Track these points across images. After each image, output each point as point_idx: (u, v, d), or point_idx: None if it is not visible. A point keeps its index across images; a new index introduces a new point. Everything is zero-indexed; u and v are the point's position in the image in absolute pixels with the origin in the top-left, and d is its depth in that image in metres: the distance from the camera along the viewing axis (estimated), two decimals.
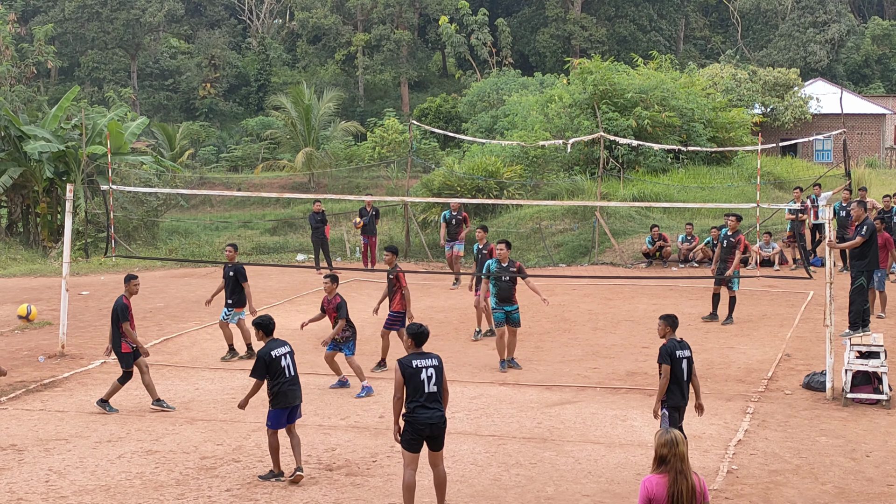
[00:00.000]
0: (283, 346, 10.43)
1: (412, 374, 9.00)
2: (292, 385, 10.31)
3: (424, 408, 8.98)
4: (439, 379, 9.08)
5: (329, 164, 43.04)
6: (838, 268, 20.72)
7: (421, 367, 9.03)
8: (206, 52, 66.35)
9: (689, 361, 9.95)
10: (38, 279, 24.75)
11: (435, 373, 9.04)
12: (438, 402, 9.07)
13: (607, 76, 31.90)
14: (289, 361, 10.33)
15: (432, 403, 9.01)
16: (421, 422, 8.96)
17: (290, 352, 10.43)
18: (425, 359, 9.10)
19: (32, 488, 10.14)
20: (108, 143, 28.71)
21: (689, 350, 10.00)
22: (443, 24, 60.01)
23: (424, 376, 9.00)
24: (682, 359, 9.91)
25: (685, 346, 9.99)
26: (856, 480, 10.10)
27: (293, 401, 10.31)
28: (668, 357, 9.83)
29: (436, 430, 9.05)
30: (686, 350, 9.97)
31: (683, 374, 9.88)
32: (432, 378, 9.02)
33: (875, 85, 64.19)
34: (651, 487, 6.54)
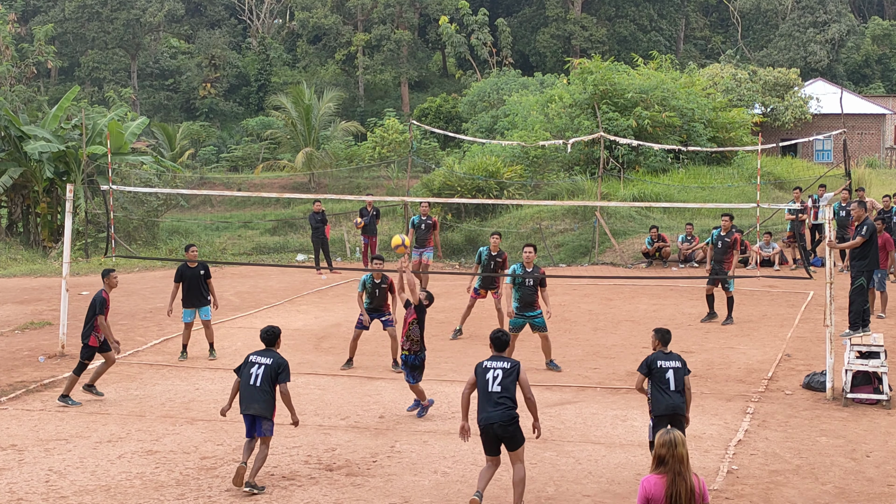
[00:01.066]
0: (263, 357, 10.16)
1: (479, 374, 9.35)
2: (248, 392, 10.02)
3: (486, 407, 9.22)
4: (505, 380, 9.25)
5: (329, 164, 43.04)
6: (838, 268, 20.73)
7: (489, 367, 9.35)
8: (207, 52, 66.34)
9: (678, 371, 9.74)
10: (38, 279, 24.75)
11: (502, 374, 9.27)
12: (507, 400, 9.20)
13: (607, 76, 31.91)
14: (259, 371, 10.04)
15: (498, 403, 9.19)
16: (484, 420, 9.23)
17: (269, 365, 10.05)
18: (498, 361, 9.39)
19: (32, 488, 10.14)
20: (108, 143, 28.71)
21: (680, 361, 9.82)
22: (443, 24, 60.01)
23: (490, 377, 9.27)
24: (668, 369, 9.75)
25: (672, 358, 9.85)
26: (856, 480, 10.10)
27: (246, 409, 10.05)
28: (646, 367, 9.82)
29: (500, 430, 9.20)
30: (673, 361, 9.80)
31: (669, 384, 9.69)
32: (498, 378, 9.26)
33: (875, 85, 64.19)
34: (650, 487, 6.54)
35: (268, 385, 10.05)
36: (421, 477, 10.31)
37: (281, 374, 10.07)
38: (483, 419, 9.19)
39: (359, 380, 14.27)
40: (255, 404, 10.02)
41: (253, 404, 10.02)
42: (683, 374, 9.79)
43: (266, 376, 10.04)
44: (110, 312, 19.50)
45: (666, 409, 9.62)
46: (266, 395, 10.04)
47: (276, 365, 10.08)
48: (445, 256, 26.82)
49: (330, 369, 15.03)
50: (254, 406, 10.02)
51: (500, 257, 16.60)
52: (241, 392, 10.14)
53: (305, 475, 10.41)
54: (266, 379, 10.04)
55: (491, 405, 9.18)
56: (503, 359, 9.39)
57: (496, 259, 16.56)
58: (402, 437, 11.63)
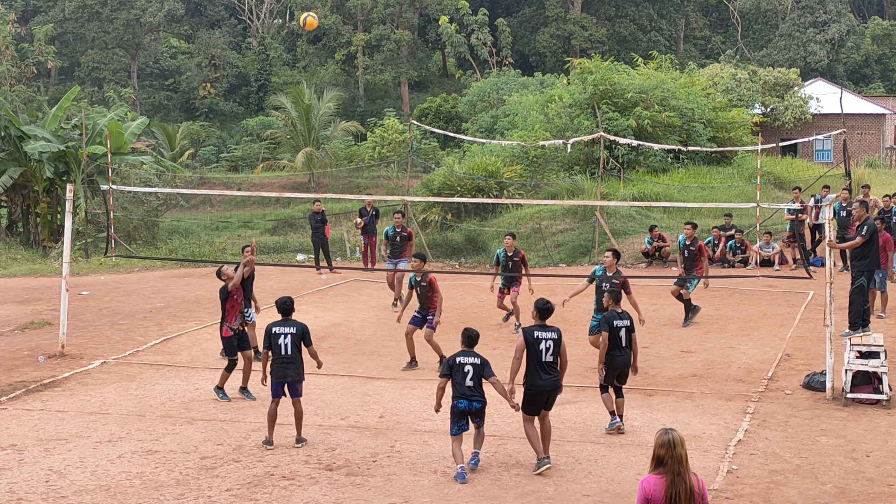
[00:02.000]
0: (286, 326, 11.28)
1: (532, 343, 10.27)
2: (285, 363, 11.17)
3: (540, 375, 10.29)
4: (556, 350, 10.35)
5: (329, 164, 43.04)
6: (838, 268, 20.73)
7: (541, 338, 10.31)
8: (206, 52, 66.33)
9: (629, 330, 11.63)
10: (38, 279, 24.75)
11: (553, 344, 10.31)
12: (555, 369, 10.40)
13: (607, 76, 31.91)
14: (286, 341, 11.16)
15: (549, 371, 10.33)
16: (538, 386, 10.29)
17: (295, 333, 11.21)
18: (546, 331, 10.36)
19: (32, 488, 10.14)
20: (108, 143, 28.72)
21: (630, 320, 11.67)
22: (443, 24, 60.00)
23: (543, 347, 10.28)
24: (621, 328, 11.59)
25: (625, 317, 11.66)
26: (856, 480, 10.10)
27: (284, 377, 11.19)
28: (607, 325, 11.57)
29: (553, 395, 10.45)
30: (625, 320, 11.64)
31: (621, 341, 11.58)
32: (550, 349, 10.29)
33: (875, 85, 64.19)
34: (649, 488, 6.53)
35: (296, 351, 11.21)
36: (421, 477, 10.31)
37: (306, 337, 11.32)
38: (540, 385, 10.36)
39: (359, 380, 14.26)
40: (290, 371, 11.19)
41: (289, 372, 11.18)
42: (630, 331, 11.62)
43: (294, 344, 11.20)
44: (112, 313, 19.54)
45: (619, 360, 11.60)
46: (297, 360, 11.22)
47: (301, 331, 11.29)
48: (445, 256, 26.82)
49: (330, 369, 15.02)
50: (289, 374, 11.19)
51: (517, 256, 17.05)
52: (274, 363, 11.22)
53: (305, 475, 10.41)
54: (295, 346, 11.20)
55: (548, 372, 10.34)
56: (549, 328, 10.39)
57: (513, 259, 17.01)
58: (402, 437, 11.63)
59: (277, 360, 11.20)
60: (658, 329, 17.48)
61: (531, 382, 10.32)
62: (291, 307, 11.51)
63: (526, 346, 10.28)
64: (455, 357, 10.46)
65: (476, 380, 10.38)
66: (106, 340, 16.99)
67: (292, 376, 11.22)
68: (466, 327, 10.87)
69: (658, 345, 16.28)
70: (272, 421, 11.33)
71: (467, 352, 10.50)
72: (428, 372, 14.77)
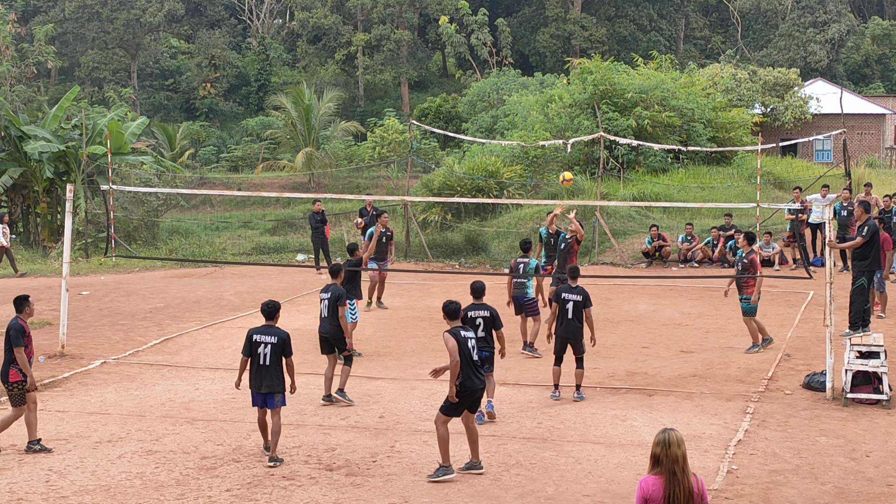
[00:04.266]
0: (267, 336, 10.86)
1: (462, 344, 10.12)
2: (262, 373, 10.79)
3: (471, 376, 10.13)
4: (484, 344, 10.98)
5: (329, 164, 43.02)
6: (838, 268, 20.73)
7: (467, 337, 10.25)
8: (206, 52, 66.31)
9: (577, 304, 12.71)
10: (38, 279, 24.75)
11: (476, 343, 10.38)
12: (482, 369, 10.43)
13: (607, 76, 31.91)
14: (266, 350, 10.77)
15: (480, 371, 10.28)
16: (468, 387, 10.13)
17: (275, 344, 10.79)
18: (468, 330, 10.40)
19: (32, 488, 10.14)
20: (108, 143, 28.71)
21: (581, 295, 12.76)
22: (443, 24, 59.98)
23: (470, 346, 10.20)
24: (569, 300, 12.72)
25: (575, 291, 12.83)
26: (856, 480, 10.10)
27: (258, 387, 10.83)
28: (558, 298, 12.93)
29: (480, 395, 10.35)
30: (575, 294, 12.78)
31: (568, 313, 12.77)
32: (475, 348, 10.26)
33: (875, 85, 64.17)
34: (647, 488, 6.53)
35: (277, 362, 10.82)
36: (421, 477, 10.31)
37: (287, 349, 10.87)
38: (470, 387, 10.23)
39: (359, 380, 14.27)
40: (267, 382, 10.80)
41: (266, 382, 10.80)
42: (579, 305, 12.75)
43: (274, 354, 10.81)
44: (112, 313, 19.54)
45: (566, 333, 12.83)
46: (276, 371, 10.83)
47: (282, 342, 10.85)
48: (445, 256, 26.82)
49: None
50: (266, 384, 10.80)
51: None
52: (252, 372, 10.89)
53: (305, 475, 10.41)
54: (275, 356, 10.81)
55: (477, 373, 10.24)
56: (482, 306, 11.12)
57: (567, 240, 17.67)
58: (402, 437, 11.63)
59: (255, 370, 10.82)
60: (658, 329, 17.48)
61: (462, 382, 10.03)
62: (276, 312, 11.04)
63: (458, 346, 10.03)
64: (466, 310, 11.31)
65: (487, 331, 11.60)
66: (106, 340, 16.99)
67: (269, 387, 10.78)
68: (475, 280, 11.80)
69: (658, 345, 16.28)
70: (263, 428, 11.07)
71: (477, 304, 11.61)
72: (427, 372, 14.77)
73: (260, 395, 10.88)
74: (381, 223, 19.42)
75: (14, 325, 11.13)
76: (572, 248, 16.79)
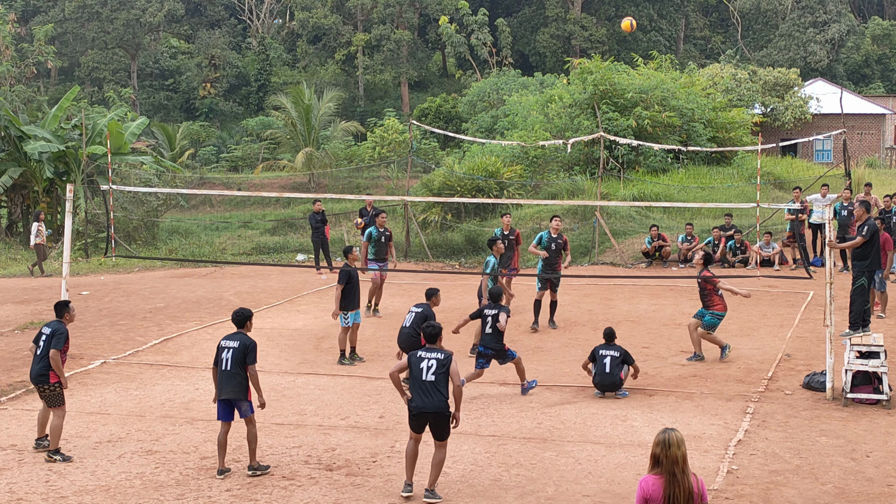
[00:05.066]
0: (231, 340, 10.56)
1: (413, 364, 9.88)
2: (222, 377, 10.45)
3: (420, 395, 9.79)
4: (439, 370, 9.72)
5: (329, 164, 43.02)
6: (838, 268, 20.73)
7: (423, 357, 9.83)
8: (206, 52, 66.31)
9: (495, 319, 13.18)
10: (38, 279, 24.75)
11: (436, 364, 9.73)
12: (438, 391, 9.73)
13: (607, 76, 31.90)
14: (228, 356, 10.44)
15: (430, 392, 9.74)
16: (416, 407, 9.81)
17: (236, 349, 10.43)
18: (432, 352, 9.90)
19: (32, 488, 10.14)
20: (108, 143, 28.71)
21: (496, 310, 13.24)
22: (443, 24, 59.98)
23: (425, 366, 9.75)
24: (489, 316, 13.29)
25: (613, 349, 13.20)
26: (856, 480, 10.10)
27: (220, 393, 10.47)
28: (594, 356, 13.39)
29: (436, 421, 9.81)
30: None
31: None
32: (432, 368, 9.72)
33: (875, 85, 64.18)
34: (647, 487, 6.53)
35: (238, 368, 10.41)
36: (421, 477, 10.31)
37: (249, 355, 10.44)
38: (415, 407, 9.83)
39: (359, 380, 14.26)
40: (228, 388, 10.42)
41: (226, 388, 10.42)
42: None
43: (235, 359, 10.41)
44: (111, 313, 19.53)
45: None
46: (237, 377, 10.41)
47: (243, 347, 10.44)
48: (445, 256, 26.81)
49: (330, 369, 15.04)
50: (226, 390, 10.42)
51: (513, 234, 18.31)
52: (217, 378, 10.54)
53: (305, 475, 10.41)
54: (235, 362, 10.41)
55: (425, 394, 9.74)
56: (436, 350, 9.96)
57: (509, 237, 18.18)
58: (402, 437, 11.62)
59: (219, 376, 10.49)
60: (658, 329, 17.48)
61: (410, 401, 9.87)
62: (245, 320, 10.71)
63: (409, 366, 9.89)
64: (482, 308, 13.34)
65: (493, 328, 13.16)
66: (106, 340, 16.99)
67: (228, 393, 10.38)
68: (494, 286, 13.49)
69: (658, 345, 16.28)
70: (221, 447, 10.49)
71: (492, 305, 13.19)
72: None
73: (222, 405, 10.48)
74: (379, 223, 19.30)
75: (60, 328, 11.25)
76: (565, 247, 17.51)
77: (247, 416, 10.45)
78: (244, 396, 10.44)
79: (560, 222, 17.75)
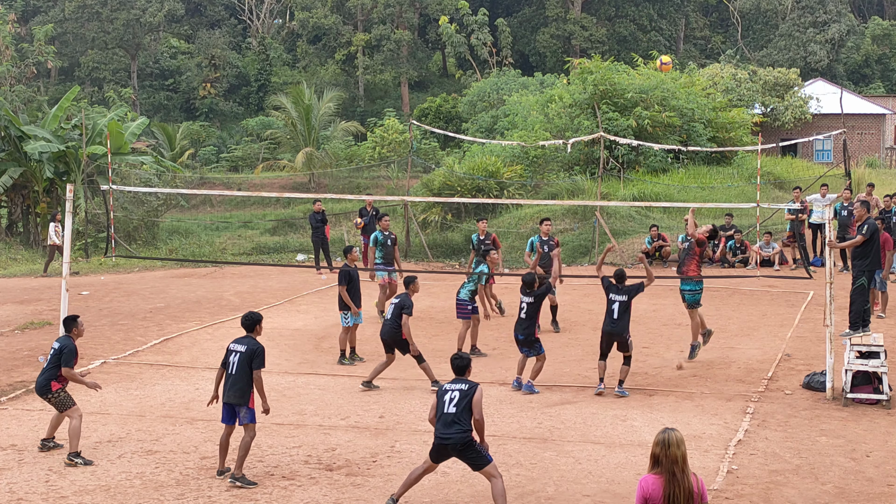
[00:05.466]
0: (239, 344, 10.46)
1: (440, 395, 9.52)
2: (228, 381, 10.37)
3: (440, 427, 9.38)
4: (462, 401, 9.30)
5: (329, 164, 43.01)
6: (838, 268, 20.72)
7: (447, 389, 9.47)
8: (206, 52, 66.29)
9: (623, 304, 13.25)
10: (38, 279, 24.76)
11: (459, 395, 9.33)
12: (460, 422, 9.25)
13: (607, 76, 31.89)
14: (235, 359, 10.35)
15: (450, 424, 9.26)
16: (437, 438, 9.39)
17: (243, 353, 10.32)
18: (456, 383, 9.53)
19: (32, 488, 10.14)
20: (108, 143, 28.71)
21: (627, 294, 13.33)
22: (443, 24, 59.97)
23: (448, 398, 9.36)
24: (615, 301, 13.32)
25: (622, 292, 13.37)
26: (856, 480, 10.10)
27: (226, 398, 10.39)
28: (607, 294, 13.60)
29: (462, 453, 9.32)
30: (622, 295, 13.30)
31: (614, 314, 13.32)
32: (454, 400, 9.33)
33: (875, 85, 64.16)
34: (647, 487, 6.53)
35: (243, 372, 10.31)
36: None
37: (255, 360, 10.31)
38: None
39: (359, 380, 14.26)
40: (231, 392, 10.33)
41: (230, 392, 10.34)
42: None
43: (241, 363, 10.32)
44: (112, 313, 19.53)
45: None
46: (241, 382, 10.31)
47: (250, 352, 10.32)
48: (445, 256, 26.82)
49: (330, 369, 15.04)
50: (230, 394, 10.34)
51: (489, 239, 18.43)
52: (224, 381, 10.46)
53: (305, 475, 10.41)
54: (241, 366, 10.31)
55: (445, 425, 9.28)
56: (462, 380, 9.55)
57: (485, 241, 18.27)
58: (402, 437, 11.63)
59: (226, 379, 10.40)
60: (658, 329, 17.48)
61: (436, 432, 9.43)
62: (255, 324, 10.62)
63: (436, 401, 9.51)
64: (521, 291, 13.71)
65: (527, 315, 13.50)
66: (106, 340, 16.99)
67: (231, 398, 10.30)
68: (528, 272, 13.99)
69: (658, 345, 16.28)
70: (223, 448, 10.50)
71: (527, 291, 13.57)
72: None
73: (226, 408, 10.40)
74: (383, 227, 18.91)
75: (69, 344, 11.20)
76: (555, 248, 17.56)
77: (245, 423, 10.32)
78: (245, 402, 10.31)
79: (550, 225, 17.63)
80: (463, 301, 15.51)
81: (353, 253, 15.98)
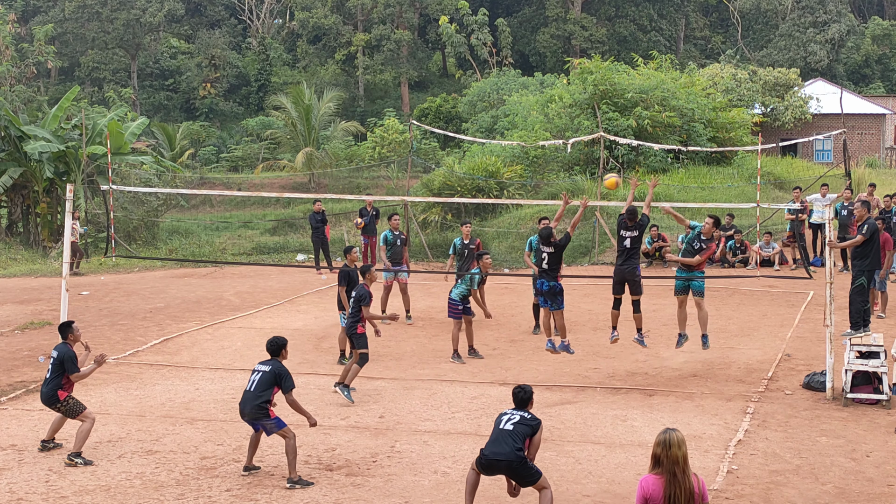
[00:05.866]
0: (264, 365, 10.50)
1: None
2: (244, 397, 10.41)
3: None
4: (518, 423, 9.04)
5: (329, 164, 43.03)
6: (838, 268, 20.72)
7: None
8: (206, 52, 66.31)
9: (634, 239, 13.63)
10: (38, 279, 24.75)
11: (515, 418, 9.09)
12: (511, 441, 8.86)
13: (607, 76, 31.90)
14: (256, 378, 10.40)
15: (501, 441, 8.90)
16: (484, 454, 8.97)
17: (264, 373, 10.38)
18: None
19: (32, 488, 10.14)
20: (108, 143, 28.71)
21: (638, 230, 13.57)
22: (443, 24, 60.00)
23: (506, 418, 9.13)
24: (626, 237, 13.60)
25: (632, 228, 13.56)
26: (856, 480, 10.10)
27: (241, 414, 10.45)
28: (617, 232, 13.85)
29: (514, 471, 8.92)
30: (632, 231, 13.56)
31: (543, 263, 13.78)
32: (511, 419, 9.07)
33: (875, 85, 64.18)
34: (647, 487, 6.53)
35: (260, 391, 10.30)
36: (421, 477, 10.31)
37: (283, 382, 10.35)
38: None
39: (359, 380, 14.25)
40: (247, 409, 10.35)
41: (245, 409, 10.37)
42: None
43: (262, 382, 10.34)
44: (112, 313, 19.51)
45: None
46: (257, 399, 10.29)
47: (273, 374, 10.36)
48: (445, 256, 26.78)
49: (330, 369, 15.03)
50: (245, 411, 10.38)
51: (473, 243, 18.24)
52: (242, 397, 10.51)
53: (305, 475, 10.41)
54: (261, 385, 10.33)
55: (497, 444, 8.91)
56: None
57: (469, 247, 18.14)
58: (402, 437, 11.63)
59: (242, 396, 10.46)
60: (658, 329, 17.47)
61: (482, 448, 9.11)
62: (279, 348, 10.62)
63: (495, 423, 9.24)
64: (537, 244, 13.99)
65: (550, 263, 13.70)
66: (106, 340, 16.99)
67: (248, 415, 10.34)
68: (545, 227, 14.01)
69: (658, 345, 16.27)
70: (252, 445, 10.63)
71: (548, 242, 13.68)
72: (427, 372, 14.79)
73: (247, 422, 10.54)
74: (393, 226, 18.82)
75: (67, 351, 11.20)
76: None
77: (273, 433, 10.39)
78: (263, 416, 10.31)
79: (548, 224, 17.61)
80: (454, 301, 15.50)
81: (353, 253, 15.93)
